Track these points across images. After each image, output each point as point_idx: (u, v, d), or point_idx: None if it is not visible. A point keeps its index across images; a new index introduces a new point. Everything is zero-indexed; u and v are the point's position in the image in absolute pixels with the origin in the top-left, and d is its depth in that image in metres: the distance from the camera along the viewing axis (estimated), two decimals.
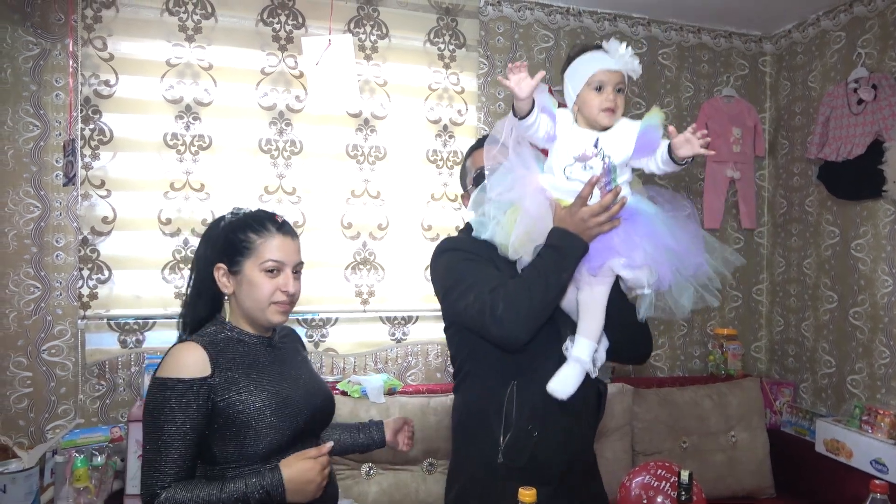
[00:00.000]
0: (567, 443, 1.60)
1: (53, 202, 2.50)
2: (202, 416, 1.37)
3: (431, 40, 2.94)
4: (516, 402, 1.55)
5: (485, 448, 1.58)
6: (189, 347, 1.41)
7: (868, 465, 2.60)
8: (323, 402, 1.59)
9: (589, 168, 1.44)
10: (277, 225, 1.51)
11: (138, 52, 2.58)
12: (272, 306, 1.48)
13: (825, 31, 3.14)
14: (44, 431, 2.48)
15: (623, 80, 1.47)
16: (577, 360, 1.49)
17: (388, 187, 2.88)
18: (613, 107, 1.44)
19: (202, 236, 1.57)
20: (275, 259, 1.48)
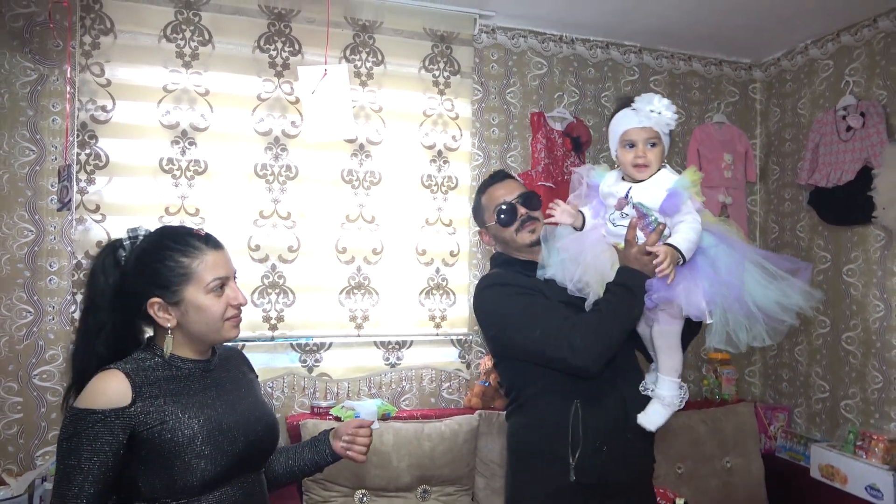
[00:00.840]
0: (632, 457, 1.67)
1: (48, 226, 2.50)
2: (114, 451, 1.27)
3: (426, 67, 2.98)
4: (582, 421, 1.61)
5: (550, 469, 1.63)
6: (109, 375, 1.30)
7: (863, 491, 2.60)
8: (264, 430, 1.46)
9: (625, 215, 1.58)
10: (204, 241, 1.41)
11: (135, 78, 2.60)
12: (226, 323, 1.41)
13: (813, 60, 3.20)
14: (33, 458, 2.45)
15: (656, 136, 1.57)
16: (665, 401, 1.60)
17: (383, 212, 2.89)
18: (645, 162, 1.56)
19: (101, 268, 1.40)
20: (218, 276, 1.39)
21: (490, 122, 3.10)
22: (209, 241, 1.42)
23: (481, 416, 2.73)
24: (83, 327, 1.40)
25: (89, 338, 1.38)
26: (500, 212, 1.76)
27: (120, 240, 1.44)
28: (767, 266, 1.58)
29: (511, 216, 1.75)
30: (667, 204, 1.53)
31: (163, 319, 1.37)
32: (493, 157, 3.09)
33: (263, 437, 1.46)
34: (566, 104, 3.19)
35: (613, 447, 1.62)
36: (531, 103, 3.16)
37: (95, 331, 1.38)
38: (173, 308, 1.37)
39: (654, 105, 1.54)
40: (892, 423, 2.76)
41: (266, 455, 1.50)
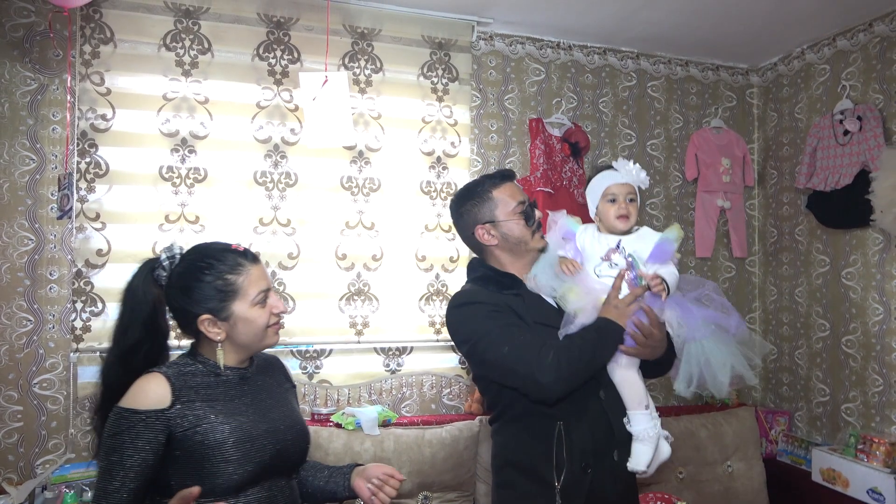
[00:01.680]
0: (620, 475, 1.64)
1: (48, 235, 2.50)
2: (153, 449, 1.35)
3: (425, 74, 2.99)
4: (566, 443, 1.59)
5: (536, 490, 1.60)
6: (152, 378, 1.40)
7: (865, 495, 2.59)
8: (294, 439, 1.53)
9: (614, 265, 1.65)
10: (246, 257, 1.49)
11: (135, 87, 2.61)
12: (269, 330, 1.50)
13: (810, 64, 3.21)
14: (34, 466, 2.44)
15: (633, 191, 1.72)
16: (640, 436, 1.62)
17: (383, 218, 2.90)
18: (627, 213, 1.69)
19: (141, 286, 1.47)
20: (262, 289, 1.48)
21: (488, 128, 3.11)
22: (248, 255, 1.51)
23: (482, 421, 2.72)
24: (119, 343, 1.46)
25: (126, 354, 1.45)
26: (526, 210, 1.72)
27: (157, 259, 1.50)
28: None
29: (533, 216, 1.74)
30: (657, 252, 1.64)
31: (213, 334, 1.45)
32: (491, 163, 3.10)
33: (292, 446, 1.52)
34: (564, 110, 3.20)
35: (599, 467, 1.61)
36: (529, 109, 3.17)
37: (132, 346, 1.45)
38: (222, 323, 1.45)
39: (629, 167, 1.72)
40: (892, 426, 2.76)
41: (295, 463, 1.56)
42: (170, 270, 1.48)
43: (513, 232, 1.72)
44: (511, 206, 1.72)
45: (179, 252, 1.52)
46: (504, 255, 1.75)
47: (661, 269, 1.65)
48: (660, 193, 3.40)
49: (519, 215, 1.71)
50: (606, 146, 3.30)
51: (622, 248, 1.67)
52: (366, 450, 2.52)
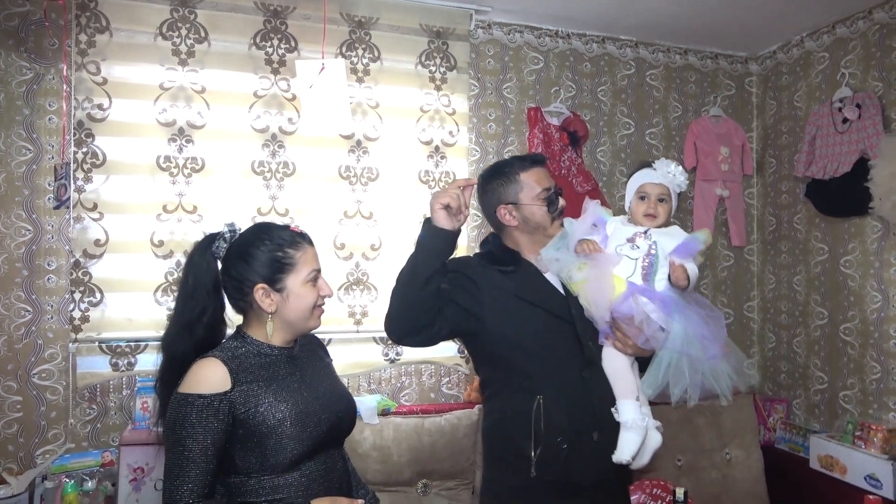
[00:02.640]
0: (598, 457, 1.64)
1: (45, 225, 2.50)
2: (222, 431, 1.39)
3: (423, 63, 2.98)
4: (544, 417, 1.62)
5: (517, 464, 1.64)
6: (209, 363, 1.43)
7: (862, 481, 2.60)
8: (345, 409, 1.60)
9: (636, 247, 1.68)
10: (304, 238, 1.56)
11: (132, 76, 2.60)
12: (314, 311, 1.55)
13: (809, 52, 3.20)
14: (33, 456, 2.45)
15: (667, 193, 1.75)
16: (628, 425, 1.61)
17: (381, 208, 2.89)
18: (654, 213, 1.73)
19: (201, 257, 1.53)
20: (315, 269, 1.54)
21: (487, 117, 3.10)
22: (305, 237, 1.57)
23: (481, 410, 2.73)
24: (183, 313, 1.51)
25: (190, 322, 1.49)
26: (551, 197, 1.76)
27: (218, 233, 1.55)
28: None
29: (556, 204, 1.78)
30: (683, 247, 1.66)
31: (267, 304, 1.49)
32: (490, 152, 3.09)
33: (344, 416, 1.60)
34: (563, 99, 3.19)
35: (577, 445, 1.62)
36: (528, 98, 3.16)
37: (197, 316, 1.50)
38: (275, 294, 1.50)
39: (670, 168, 1.75)
40: (890, 412, 2.77)
41: (347, 431, 1.63)
42: (229, 242, 1.53)
43: (534, 216, 1.76)
44: (536, 191, 1.76)
45: (240, 229, 1.57)
46: (522, 237, 1.80)
47: (684, 263, 1.66)
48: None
49: (542, 201, 1.76)
50: (605, 135, 3.30)
51: (650, 234, 1.70)
52: (365, 438, 2.53)
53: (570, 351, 1.68)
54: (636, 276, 1.65)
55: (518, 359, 1.68)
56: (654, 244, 1.67)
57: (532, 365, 1.67)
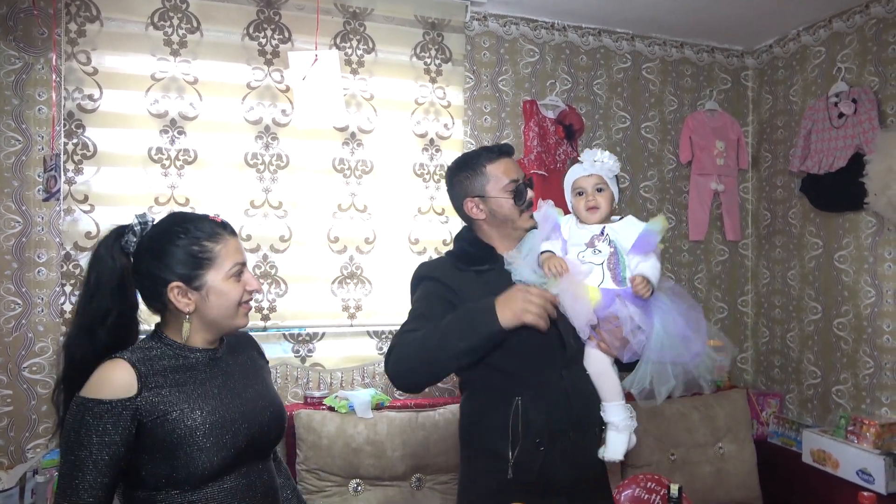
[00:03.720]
0: (575, 456, 1.63)
1: (35, 217, 2.46)
2: (122, 441, 1.27)
3: (418, 55, 2.95)
4: (522, 418, 1.59)
5: (494, 465, 1.61)
6: (115, 365, 1.30)
7: (854, 475, 2.62)
8: (270, 419, 1.47)
9: (598, 252, 1.64)
10: (225, 228, 1.43)
11: (123, 67, 2.56)
12: (240, 308, 1.42)
13: (805, 47, 3.19)
14: (24, 451, 2.43)
15: (602, 181, 1.69)
16: (617, 426, 1.62)
17: (375, 201, 2.87)
18: (595, 205, 1.68)
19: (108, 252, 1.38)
20: (238, 262, 1.41)
21: (482, 110, 3.08)
22: (227, 227, 1.43)
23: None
24: (84, 313, 1.37)
25: (91, 324, 1.35)
26: (518, 189, 1.72)
27: (128, 225, 1.41)
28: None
29: (523, 196, 1.73)
30: (641, 242, 1.62)
31: (183, 304, 1.36)
32: (485, 144, 3.07)
33: (268, 426, 1.46)
34: (558, 92, 3.18)
35: (554, 445, 1.61)
36: (523, 91, 3.14)
37: (99, 317, 1.35)
38: (193, 293, 1.36)
39: (597, 157, 1.70)
40: (883, 407, 2.78)
41: (273, 443, 1.50)
42: (140, 237, 1.40)
43: (501, 209, 1.72)
44: (502, 183, 1.72)
45: (152, 220, 1.43)
46: (491, 230, 1.77)
47: (644, 262, 1.63)
48: (654, 176, 3.38)
49: (509, 193, 1.71)
50: (601, 128, 3.28)
51: (606, 234, 1.66)
52: (359, 433, 2.52)
53: (551, 350, 1.64)
54: (607, 281, 1.62)
55: (497, 358, 1.61)
56: (614, 243, 1.65)
57: (511, 365, 1.62)
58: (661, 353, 1.57)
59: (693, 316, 1.63)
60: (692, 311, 1.64)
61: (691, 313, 1.63)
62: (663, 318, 1.60)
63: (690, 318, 1.62)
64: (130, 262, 1.39)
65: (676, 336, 1.58)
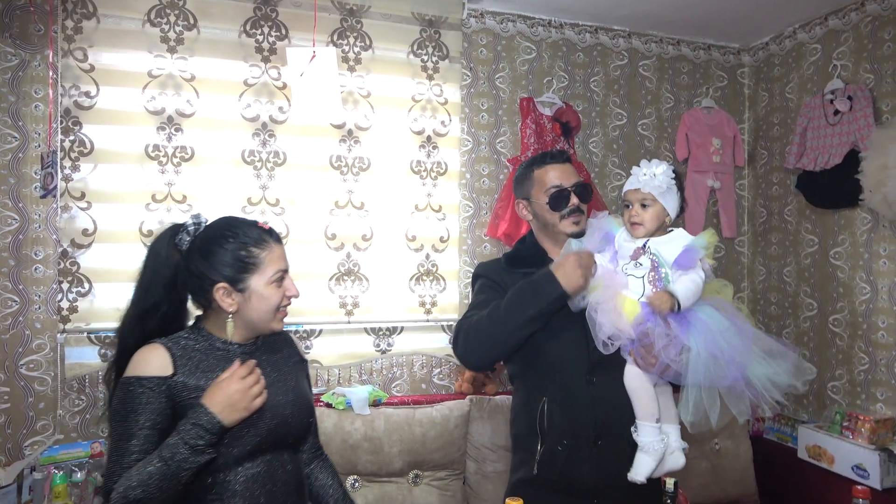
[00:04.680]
0: (602, 462, 1.64)
1: (32, 214, 2.46)
2: (164, 414, 1.37)
3: (415, 52, 2.96)
4: (547, 418, 1.66)
5: (525, 459, 1.71)
6: (151, 347, 1.41)
7: (849, 471, 2.63)
8: (292, 413, 1.52)
9: (639, 265, 1.63)
10: (271, 235, 1.51)
11: (119, 63, 2.56)
12: (278, 313, 1.50)
13: (801, 44, 3.20)
14: (21, 448, 2.43)
15: (648, 196, 1.67)
16: (644, 448, 1.59)
17: (373, 198, 2.88)
18: (639, 221, 1.67)
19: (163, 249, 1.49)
20: (281, 269, 1.48)
21: (479, 107, 3.09)
22: (272, 234, 1.51)
23: (472, 401, 2.73)
24: (138, 304, 1.48)
25: (144, 315, 1.46)
26: (555, 195, 1.77)
27: (183, 224, 1.50)
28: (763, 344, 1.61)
29: (563, 203, 1.77)
30: (682, 258, 1.60)
31: (227, 304, 1.44)
32: (482, 142, 3.08)
33: (291, 420, 1.52)
34: (555, 89, 3.18)
35: (577, 450, 1.64)
36: (520, 88, 3.15)
37: (152, 308, 1.46)
38: (236, 294, 1.45)
39: (646, 171, 1.68)
40: (878, 403, 2.80)
41: (295, 436, 1.55)
42: (193, 236, 1.48)
43: (542, 212, 1.81)
44: (544, 188, 1.79)
45: (206, 221, 1.52)
46: (540, 233, 1.87)
47: (683, 276, 1.58)
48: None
49: (548, 198, 1.78)
50: (597, 126, 3.29)
51: (648, 247, 1.65)
52: (356, 429, 2.52)
53: (578, 355, 1.68)
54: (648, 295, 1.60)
55: (533, 358, 1.71)
56: (656, 256, 1.63)
57: (543, 365, 1.70)
58: (702, 375, 1.50)
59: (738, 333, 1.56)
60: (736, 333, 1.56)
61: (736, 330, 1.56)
62: (703, 335, 1.54)
63: (734, 335, 1.55)
64: (183, 258, 1.48)
65: (717, 359, 1.51)
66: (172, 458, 1.30)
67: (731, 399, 1.53)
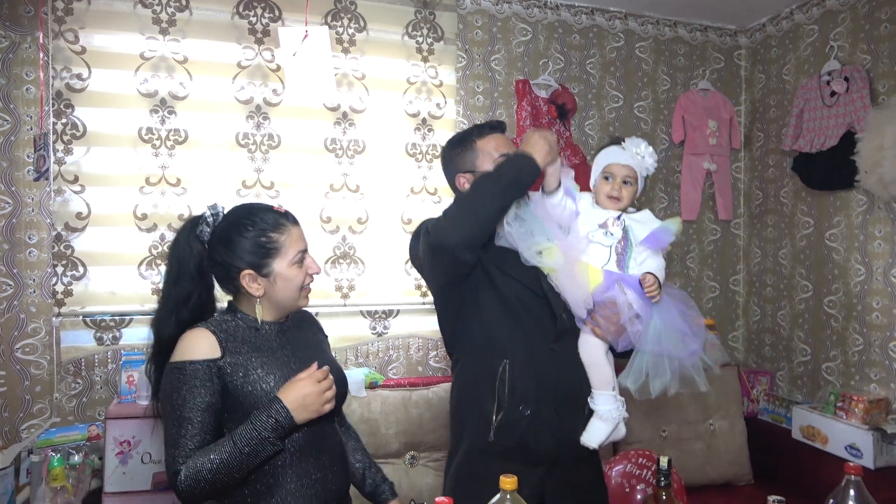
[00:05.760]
0: (558, 430, 1.63)
1: (25, 198, 2.45)
2: (216, 394, 1.41)
3: (409, 33, 2.93)
4: (508, 382, 1.61)
5: (478, 427, 1.64)
6: (198, 332, 1.45)
7: (843, 451, 2.65)
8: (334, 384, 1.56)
9: (609, 234, 1.63)
10: (287, 218, 1.54)
11: (111, 45, 2.54)
12: (303, 291, 1.55)
13: (798, 25, 3.18)
14: (18, 431, 2.44)
15: (632, 174, 1.67)
16: (602, 416, 1.62)
17: (368, 181, 2.87)
18: (618, 196, 1.66)
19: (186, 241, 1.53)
20: (300, 250, 1.53)
21: (474, 89, 3.07)
22: (289, 216, 1.55)
23: None
24: (169, 296, 1.52)
25: (176, 306, 1.51)
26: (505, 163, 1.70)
27: (201, 215, 1.54)
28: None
29: None
30: (653, 238, 1.62)
31: (254, 289, 1.50)
32: None
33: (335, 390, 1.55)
34: (551, 71, 3.16)
35: (538, 413, 1.62)
36: (516, 70, 3.13)
37: (182, 299, 1.51)
38: (262, 279, 1.50)
39: (640, 149, 1.67)
40: (871, 384, 2.81)
41: (336, 407, 1.58)
42: (213, 226, 1.53)
43: None
44: (493, 157, 1.70)
45: (223, 210, 1.56)
46: None
47: (651, 258, 1.62)
48: None
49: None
50: (594, 108, 3.27)
51: (622, 219, 1.65)
52: (353, 411, 2.53)
53: (541, 322, 1.66)
54: (611, 264, 1.62)
55: (488, 324, 1.66)
56: (628, 230, 1.64)
57: (502, 332, 1.65)
58: (658, 345, 1.57)
59: (692, 316, 1.63)
60: (691, 312, 1.64)
61: (690, 314, 1.63)
62: (662, 311, 1.60)
63: (689, 317, 1.62)
64: (206, 249, 1.53)
65: (675, 330, 1.58)
66: (246, 446, 1.36)
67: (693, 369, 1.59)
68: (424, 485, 2.59)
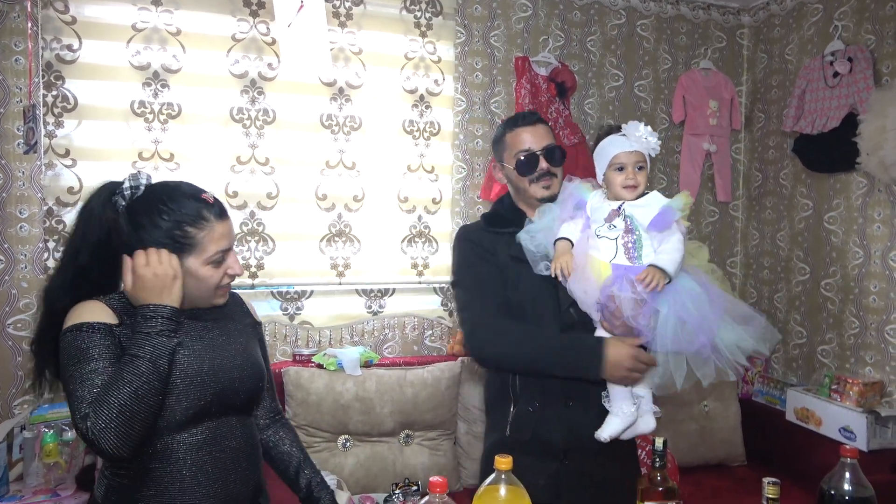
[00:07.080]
0: (572, 423, 1.65)
1: (16, 172, 2.41)
2: (117, 355, 1.25)
3: (408, 8, 2.88)
4: (520, 380, 1.68)
5: (499, 420, 1.72)
6: (90, 303, 1.29)
7: (837, 433, 2.66)
8: (242, 377, 1.41)
9: (613, 227, 1.59)
10: (214, 211, 1.34)
11: (103, 16, 2.48)
12: (218, 290, 1.39)
13: (802, 4, 3.14)
14: (10, 407, 2.42)
15: (643, 159, 1.64)
16: (615, 412, 1.60)
17: (364, 158, 2.83)
18: (634, 183, 1.62)
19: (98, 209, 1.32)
20: (221, 249, 1.34)
21: (473, 66, 3.02)
22: (215, 209, 1.35)
23: (463, 363, 2.74)
24: (70, 267, 1.33)
25: (75, 277, 1.32)
26: (521, 160, 1.73)
27: (119, 184, 1.34)
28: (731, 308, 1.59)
29: (531, 167, 1.72)
30: (658, 219, 1.56)
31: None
32: (476, 102, 3.02)
33: (237, 385, 1.40)
34: (551, 49, 3.11)
35: (548, 410, 1.65)
36: (515, 47, 3.08)
37: (83, 272, 1.32)
38: None
39: (640, 131, 1.63)
40: (867, 367, 2.82)
41: (243, 402, 1.43)
42: (129, 200, 1.33)
43: (511, 176, 1.79)
44: (514, 152, 1.75)
45: (146, 182, 1.36)
46: (514, 194, 1.84)
47: (665, 242, 1.56)
48: None
49: (515, 163, 1.74)
50: (593, 87, 3.23)
51: (623, 209, 1.61)
52: (347, 390, 2.52)
53: (551, 316, 1.67)
54: (620, 257, 1.57)
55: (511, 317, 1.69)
56: (630, 219, 1.59)
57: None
58: (669, 340, 1.50)
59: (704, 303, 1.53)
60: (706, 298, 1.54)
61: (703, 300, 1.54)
62: (672, 300, 1.52)
63: (702, 305, 1.53)
64: (118, 218, 1.33)
65: (687, 325, 1.50)
66: (143, 349, 1.22)
67: (697, 362, 1.53)
68: (419, 463, 2.59)
